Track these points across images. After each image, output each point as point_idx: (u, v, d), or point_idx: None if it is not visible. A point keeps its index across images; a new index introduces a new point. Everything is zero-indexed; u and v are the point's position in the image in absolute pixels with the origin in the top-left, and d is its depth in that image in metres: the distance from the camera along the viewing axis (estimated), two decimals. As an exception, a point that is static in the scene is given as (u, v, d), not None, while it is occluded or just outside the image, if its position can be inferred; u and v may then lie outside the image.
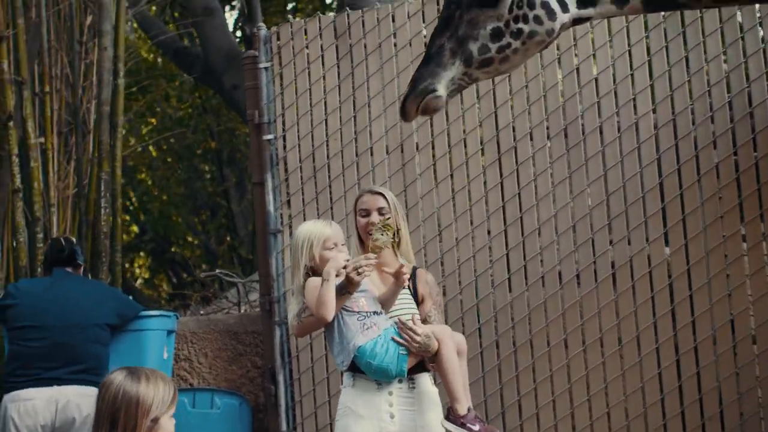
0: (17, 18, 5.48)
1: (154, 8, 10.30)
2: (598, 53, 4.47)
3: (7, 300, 4.35)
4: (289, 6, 11.59)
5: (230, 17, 12.30)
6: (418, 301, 3.59)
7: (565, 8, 3.30)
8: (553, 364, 4.43)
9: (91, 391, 4.20)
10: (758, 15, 4.24)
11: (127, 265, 13.10)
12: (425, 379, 3.43)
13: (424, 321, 3.55)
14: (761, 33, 4.29)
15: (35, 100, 5.57)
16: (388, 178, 4.74)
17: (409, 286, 3.55)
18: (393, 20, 4.78)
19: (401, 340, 3.31)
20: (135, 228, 13.57)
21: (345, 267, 3.31)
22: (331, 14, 4.95)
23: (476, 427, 3.25)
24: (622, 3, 3.30)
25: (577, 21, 3.35)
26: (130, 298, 4.83)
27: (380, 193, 3.62)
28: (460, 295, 4.60)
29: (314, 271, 3.36)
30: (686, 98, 4.35)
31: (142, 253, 14.05)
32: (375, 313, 3.39)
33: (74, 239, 4.60)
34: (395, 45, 4.77)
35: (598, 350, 4.39)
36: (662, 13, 4.29)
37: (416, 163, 4.72)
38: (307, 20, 4.95)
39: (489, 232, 4.59)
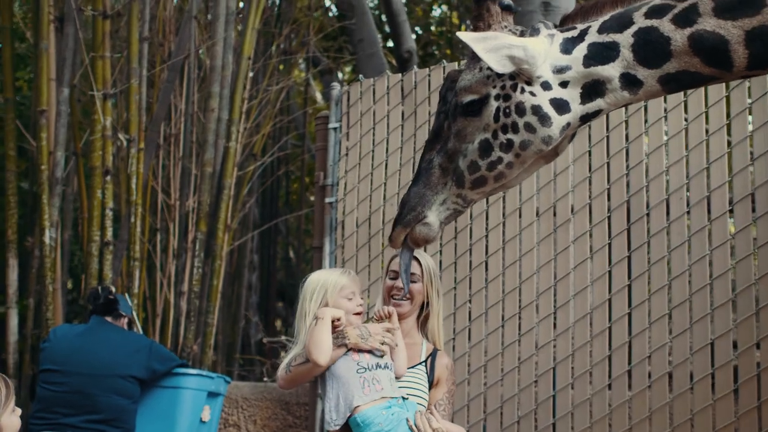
0: (131, 78, 5.71)
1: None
2: (670, 115, 3.87)
3: (45, 343, 4.42)
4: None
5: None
6: (432, 382, 3.23)
7: (563, 109, 2.72)
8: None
9: (106, 442, 4.15)
10: None
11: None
12: None
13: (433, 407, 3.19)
14: None
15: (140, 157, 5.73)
16: (440, 248, 4.36)
17: (426, 365, 3.25)
18: (459, 79, 4.44)
19: (413, 427, 2.95)
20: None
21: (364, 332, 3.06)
22: (399, 75, 4.69)
23: None
24: (636, 87, 2.69)
25: (585, 118, 2.78)
26: (171, 353, 4.73)
27: (415, 258, 3.27)
28: (501, 383, 4.08)
29: None
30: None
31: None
32: (379, 366, 3.02)
33: (113, 289, 4.60)
34: (459, 106, 4.42)
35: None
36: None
37: (468, 233, 4.30)
38: (376, 79, 4.74)
39: (537, 319, 4.06)
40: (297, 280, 11.40)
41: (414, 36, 8.78)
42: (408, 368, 3.18)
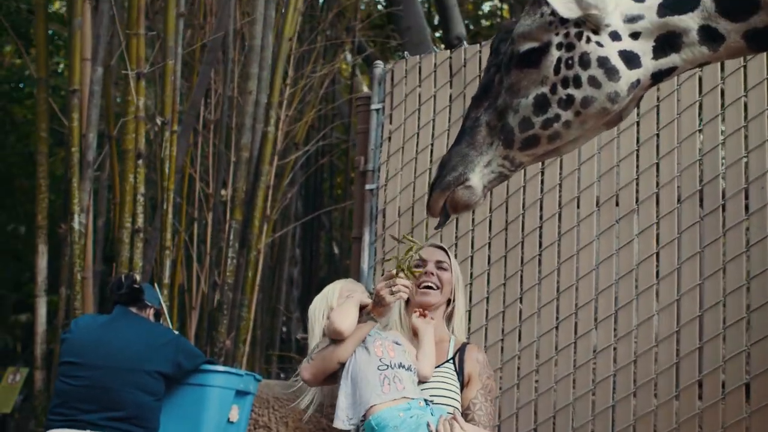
0: (167, 57, 5.44)
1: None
2: (750, 93, 3.46)
3: (65, 334, 4.13)
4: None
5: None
6: (464, 382, 2.93)
7: (633, 63, 2.39)
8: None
9: (128, 441, 3.85)
10: None
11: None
12: None
13: (467, 410, 2.87)
14: None
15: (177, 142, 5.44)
16: (488, 240, 4.00)
17: (455, 361, 3.00)
18: (512, 57, 4.07)
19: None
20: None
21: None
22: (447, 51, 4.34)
23: None
24: (716, 43, 2.36)
25: (657, 76, 2.45)
26: (198, 349, 4.42)
27: (442, 248, 3.18)
28: (554, 390, 3.71)
29: None
30: None
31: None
32: (402, 366, 2.76)
33: (137, 277, 4.30)
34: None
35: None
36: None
37: (520, 225, 3.94)
38: (422, 56, 4.39)
39: (596, 321, 3.68)
40: (340, 275, 11.14)
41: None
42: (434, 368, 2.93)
